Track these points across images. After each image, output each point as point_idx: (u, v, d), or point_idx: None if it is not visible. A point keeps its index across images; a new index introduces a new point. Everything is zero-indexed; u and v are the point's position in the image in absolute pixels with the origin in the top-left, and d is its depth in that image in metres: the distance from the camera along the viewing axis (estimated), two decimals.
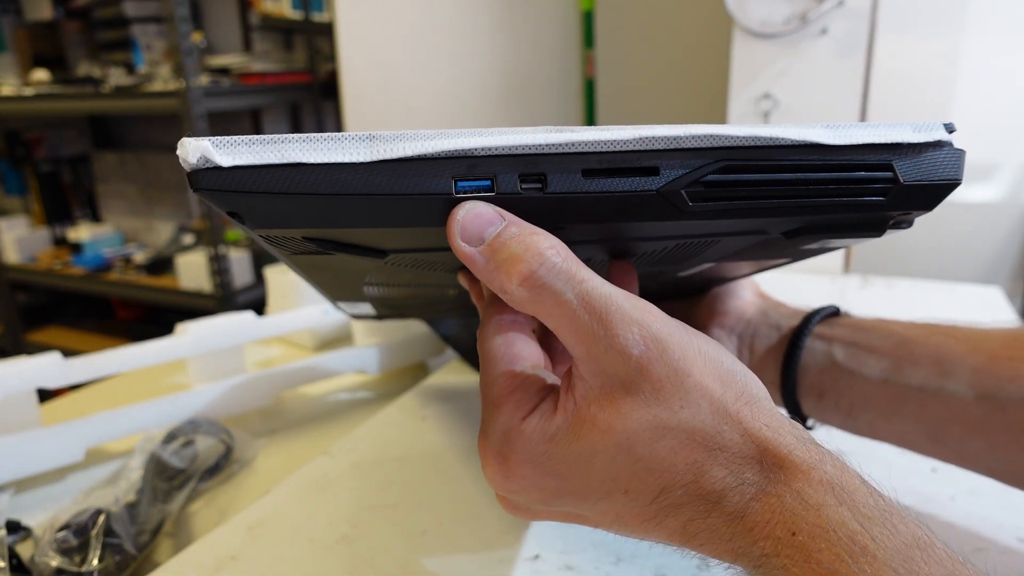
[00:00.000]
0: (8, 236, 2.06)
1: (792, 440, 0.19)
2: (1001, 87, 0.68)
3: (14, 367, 0.44)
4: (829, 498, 0.18)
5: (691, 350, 0.20)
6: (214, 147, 0.18)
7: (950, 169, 0.22)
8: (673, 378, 0.19)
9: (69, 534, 0.35)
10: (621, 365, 0.19)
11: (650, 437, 0.19)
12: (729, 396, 0.19)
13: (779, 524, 0.18)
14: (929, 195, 0.22)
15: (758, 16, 0.68)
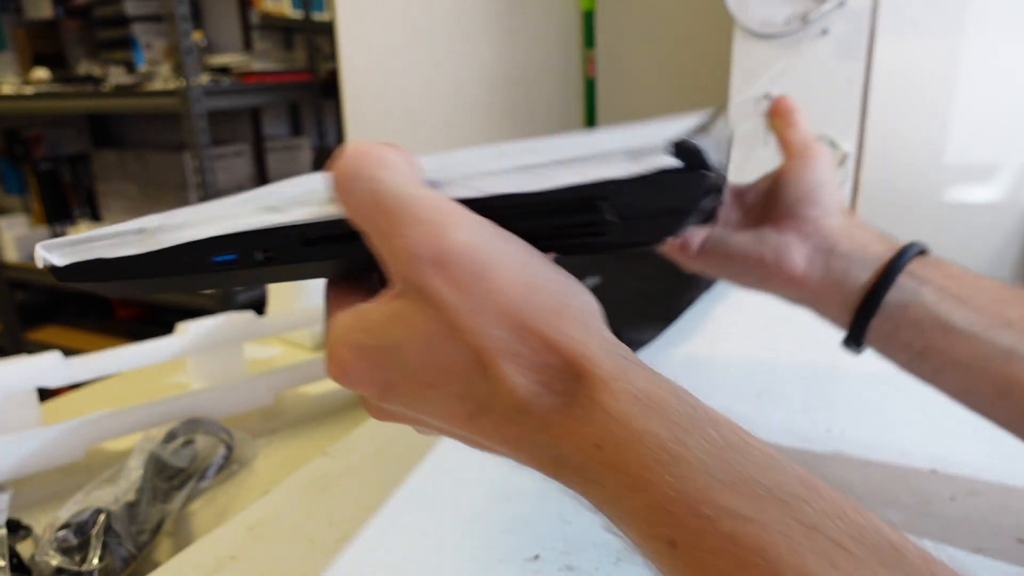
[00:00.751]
0: (8, 235, 2.06)
1: (599, 352, 0.19)
2: (1001, 87, 0.68)
3: (14, 366, 0.44)
4: (635, 408, 0.18)
5: (496, 255, 0.19)
6: (46, 251, 0.24)
7: (675, 196, 0.20)
8: (468, 281, 0.19)
9: (69, 533, 0.35)
10: (411, 266, 0.19)
11: (445, 337, 0.19)
12: (532, 303, 0.19)
13: (585, 436, 0.18)
14: (657, 226, 0.20)
15: (759, 16, 0.68)
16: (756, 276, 0.35)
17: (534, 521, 0.36)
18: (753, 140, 0.72)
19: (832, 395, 0.49)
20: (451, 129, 1.11)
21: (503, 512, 0.37)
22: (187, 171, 1.88)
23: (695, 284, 0.68)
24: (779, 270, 0.34)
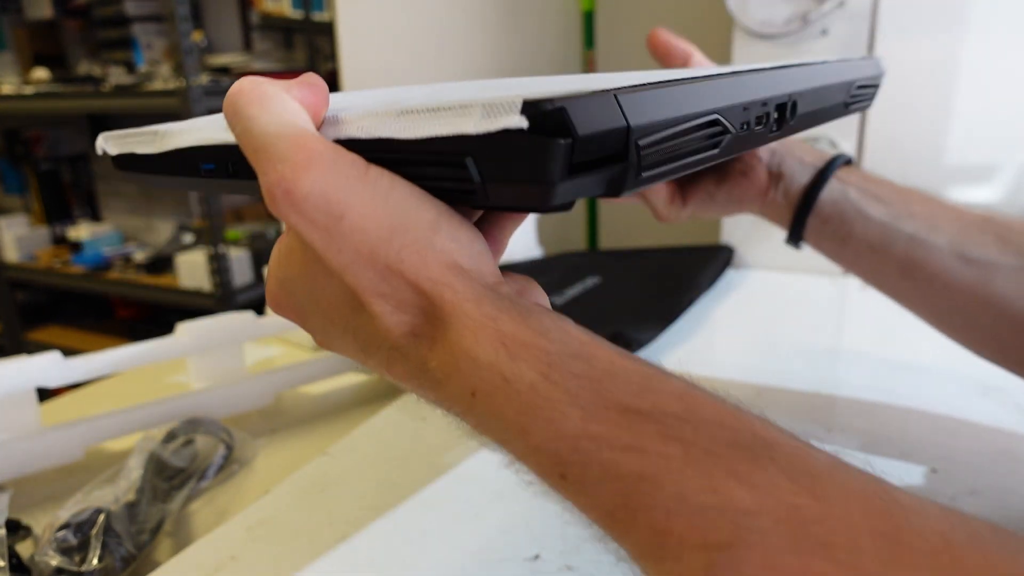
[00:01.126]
0: (8, 235, 2.06)
1: (464, 295, 0.19)
2: (1001, 87, 0.68)
3: (14, 366, 0.44)
4: (502, 354, 0.18)
5: (354, 195, 0.19)
6: (104, 142, 0.29)
7: (526, 164, 0.17)
8: (325, 221, 0.19)
9: (69, 533, 0.35)
10: (273, 204, 0.19)
11: (323, 273, 0.20)
12: (394, 245, 0.19)
13: (458, 383, 0.19)
14: (520, 194, 0.18)
15: (759, 17, 0.67)
16: (734, 202, 0.41)
17: (534, 521, 0.36)
18: None
19: (832, 395, 0.49)
20: None
21: (503, 512, 0.37)
22: None
23: (695, 284, 0.68)
24: (752, 192, 0.41)
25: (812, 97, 0.29)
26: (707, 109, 0.21)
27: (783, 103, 0.26)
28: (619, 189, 0.18)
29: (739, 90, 0.23)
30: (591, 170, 0.18)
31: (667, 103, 0.20)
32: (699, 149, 0.21)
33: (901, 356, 0.53)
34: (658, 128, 0.19)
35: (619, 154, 0.18)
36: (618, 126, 0.17)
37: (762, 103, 0.25)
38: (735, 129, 0.23)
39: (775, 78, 0.26)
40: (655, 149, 0.19)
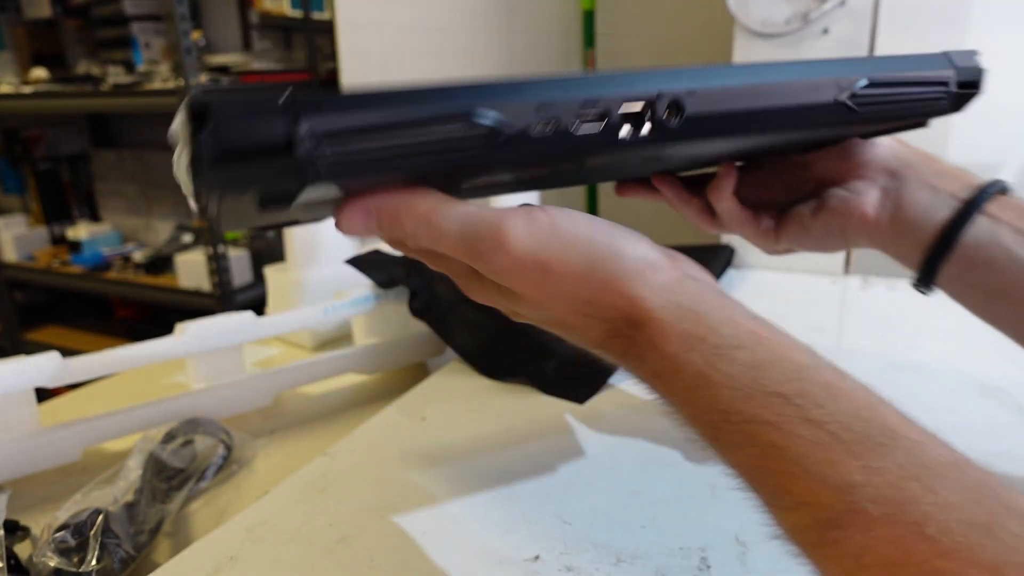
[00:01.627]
0: (6, 235, 2.06)
1: (651, 302, 0.24)
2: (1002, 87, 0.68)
3: (12, 366, 0.44)
4: (680, 348, 0.23)
5: (551, 251, 0.24)
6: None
7: (193, 151, 0.20)
8: (537, 280, 0.25)
9: (67, 534, 0.35)
10: (494, 278, 0.26)
11: (537, 304, 0.26)
12: (591, 281, 0.25)
13: (647, 368, 0.25)
14: (200, 176, 0.21)
15: (759, 16, 0.67)
16: (835, 235, 0.36)
17: (534, 521, 0.36)
18: None
19: None
20: None
21: (503, 512, 0.37)
22: None
23: None
24: (853, 220, 0.34)
25: (724, 97, 0.26)
26: (430, 108, 0.21)
27: (650, 103, 0.24)
28: (306, 177, 0.20)
29: (525, 90, 0.23)
30: (261, 157, 0.19)
31: (358, 101, 0.21)
32: (445, 149, 0.22)
33: (901, 356, 0.53)
34: (341, 120, 0.20)
35: (284, 147, 0.19)
36: (280, 120, 0.19)
37: (592, 102, 0.23)
38: (519, 129, 0.22)
39: (649, 76, 0.25)
40: (343, 147, 0.20)
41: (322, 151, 0.20)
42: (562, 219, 0.25)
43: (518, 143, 0.23)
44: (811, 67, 0.28)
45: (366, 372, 0.57)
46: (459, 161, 0.23)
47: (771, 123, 0.27)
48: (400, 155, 0.22)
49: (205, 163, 0.19)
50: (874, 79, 0.29)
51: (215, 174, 0.19)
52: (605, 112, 0.24)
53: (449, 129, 0.22)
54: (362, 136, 0.21)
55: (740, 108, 0.26)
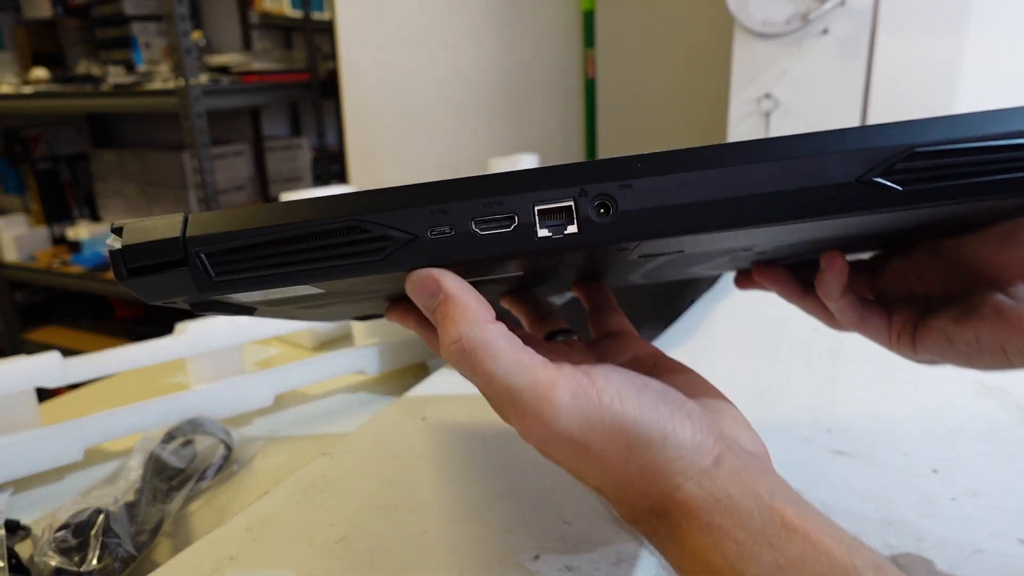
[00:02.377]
0: (6, 235, 2.06)
1: (681, 498, 0.23)
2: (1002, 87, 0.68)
3: (13, 366, 0.44)
4: (702, 543, 0.22)
5: (593, 432, 0.23)
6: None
7: (112, 268, 0.23)
8: (574, 455, 0.23)
9: (68, 534, 0.35)
10: (528, 441, 0.24)
11: (572, 473, 0.25)
12: (631, 465, 0.23)
13: (671, 552, 0.23)
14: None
15: (759, 16, 0.67)
16: (991, 351, 0.28)
17: (534, 521, 0.36)
18: None
19: (832, 395, 0.49)
20: (451, 128, 1.11)
21: (503, 512, 0.37)
22: (186, 171, 1.88)
23: (695, 284, 0.68)
24: (1016, 337, 0.27)
25: (674, 187, 0.21)
26: (301, 223, 0.22)
27: (574, 199, 0.21)
28: (203, 288, 0.22)
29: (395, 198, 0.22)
30: (161, 271, 0.22)
31: (242, 218, 0.22)
32: (338, 263, 0.22)
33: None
34: (226, 239, 0.22)
35: (181, 261, 0.22)
36: (170, 237, 0.22)
37: (495, 203, 0.21)
38: (411, 235, 0.21)
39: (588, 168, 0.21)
40: (232, 258, 0.22)
41: (211, 267, 0.22)
42: (612, 397, 0.23)
43: (413, 251, 0.22)
44: (817, 139, 0.21)
45: (366, 372, 0.57)
46: (354, 273, 0.22)
47: (752, 216, 0.21)
48: (290, 271, 0.22)
49: (120, 277, 0.22)
50: (928, 143, 0.21)
51: (131, 285, 0.22)
52: (513, 213, 0.21)
53: (337, 243, 0.22)
54: (249, 252, 0.22)
55: (698, 199, 0.21)
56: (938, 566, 0.32)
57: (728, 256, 0.31)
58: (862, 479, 0.39)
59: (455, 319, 0.23)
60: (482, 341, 0.23)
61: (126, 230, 0.22)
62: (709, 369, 0.29)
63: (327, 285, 0.24)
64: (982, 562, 0.33)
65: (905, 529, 0.35)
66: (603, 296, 0.34)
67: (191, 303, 0.25)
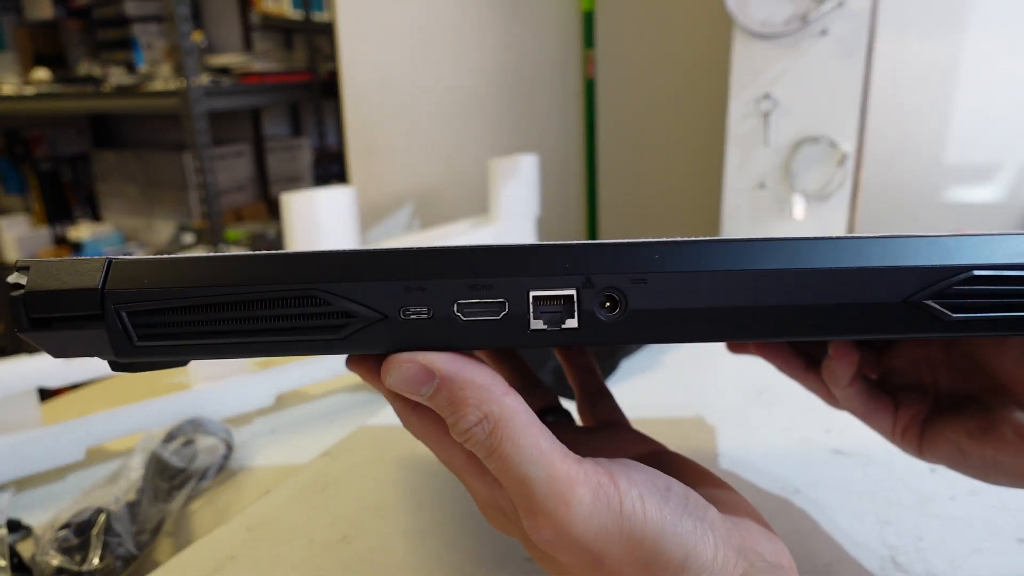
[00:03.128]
0: (8, 235, 2.06)
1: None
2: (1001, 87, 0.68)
3: (14, 366, 0.44)
4: None
5: (610, 543, 0.20)
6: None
7: (10, 317, 0.19)
8: (588, 564, 0.20)
9: (70, 533, 0.35)
10: (539, 541, 0.20)
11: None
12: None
13: None
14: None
15: (758, 17, 0.68)
16: (1010, 474, 0.26)
17: None
18: (754, 140, 0.72)
19: None
20: (451, 129, 1.11)
21: None
22: (187, 171, 1.88)
23: None
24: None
25: (695, 285, 0.18)
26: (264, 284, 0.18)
27: (576, 288, 0.18)
28: (121, 352, 0.19)
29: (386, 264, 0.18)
30: (71, 327, 0.18)
31: (177, 271, 0.18)
32: (290, 336, 0.18)
33: None
34: (155, 297, 0.18)
35: (96, 317, 0.18)
36: (86, 287, 0.18)
37: (483, 285, 0.18)
38: (380, 315, 0.18)
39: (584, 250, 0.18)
40: (160, 320, 0.18)
41: (133, 328, 0.18)
42: (633, 502, 0.20)
43: (379, 333, 0.18)
44: (863, 248, 0.18)
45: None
46: (307, 351, 0.19)
47: (785, 329, 0.18)
48: (229, 342, 0.19)
49: (20, 328, 0.19)
50: (990, 266, 0.18)
51: (34, 338, 0.19)
52: (504, 299, 0.18)
53: (289, 314, 0.18)
54: (182, 315, 0.18)
55: (723, 305, 0.18)
56: (937, 565, 0.33)
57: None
58: (861, 478, 0.39)
59: (466, 401, 0.19)
60: (501, 419, 0.20)
61: (33, 271, 0.18)
62: (709, 369, 0.29)
63: (271, 356, 0.20)
64: (981, 561, 0.33)
65: (904, 528, 0.35)
66: (593, 378, 0.31)
67: (108, 362, 0.21)
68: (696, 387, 0.51)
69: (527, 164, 0.72)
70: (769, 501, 0.37)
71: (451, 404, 0.20)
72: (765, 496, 0.38)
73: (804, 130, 0.70)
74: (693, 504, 0.21)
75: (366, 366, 0.25)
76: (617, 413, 0.30)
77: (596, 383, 0.31)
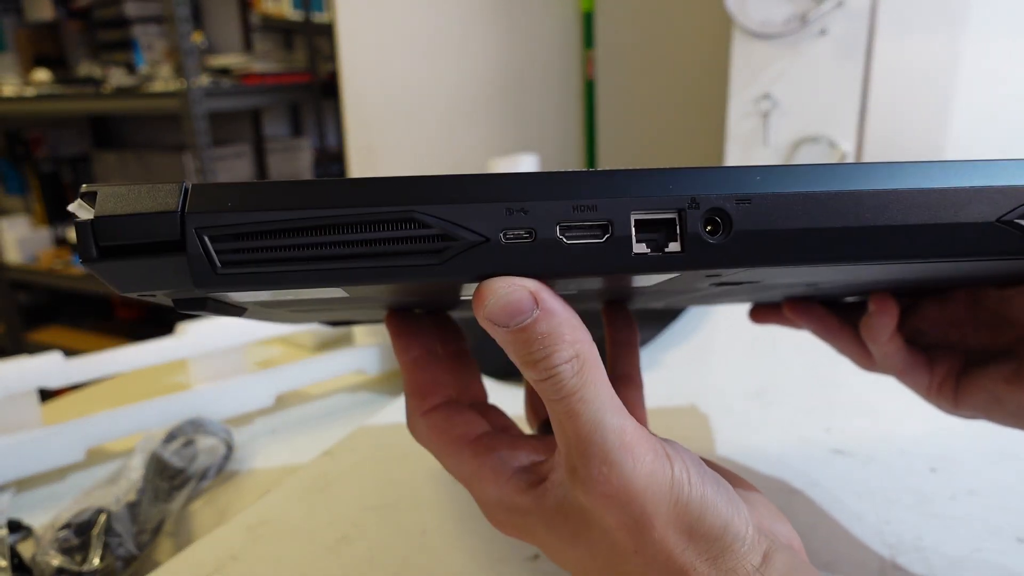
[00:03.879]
0: (9, 236, 2.06)
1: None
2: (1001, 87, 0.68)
3: (15, 367, 0.44)
4: None
5: (662, 504, 0.20)
6: None
7: (79, 246, 0.17)
8: (635, 527, 0.20)
9: (70, 533, 0.35)
10: (589, 495, 0.20)
11: (605, 559, 0.21)
12: (688, 555, 0.20)
13: None
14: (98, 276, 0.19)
15: (758, 17, 0.68)
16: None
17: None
18: (753, 140, 0.72)
19: (832, 395, 0.49)
20: (451, 129, 1.11)
21: None
22: (188, 172, 1.88)
23: None
24: None
25: (797, 208, 0.18)
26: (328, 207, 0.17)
27: (679, 211, 0.18)
28: (202, 282, 0.17)
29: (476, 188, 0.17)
30: (147, 255, 0.17)
31: (262, 193, 0.17)
32: (380, 262, 0.17)
33: None
34: (240, 219, 0.17)
35: (176, 244, 0.17)
36: (166, 210, 0.17)
37: (587, 207, 0.18)
38: (481, 237, 0.17)
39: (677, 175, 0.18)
40: (245, 245, 0.17)
41: (217, 254, 0.17)
42: (681, 470, 0.20)
43: (479, 257, 0.18)
44: (957, 170, 0.18)
45: (366, 372, 0.58)
46: (403, 277, 0.18)
47: (881, 251, 0.19)
48: (318, 268, 0.18)
49: (87, 257, 0.17)
50: None
51: (101, 269, 0.17)
52: (608, 221, 0.18)
53: (386, 238, 0.17)
54: (269, 239, 0.17)
55: (823, 226, 0.18)
56: (937, 565, 0.33)
57: (792, 287, 0.28)
58: (861, 478, 0.39)
59: (563, 337, 0.19)
60: (588, 360, 0.19)
61: (102, 196, 0.17)
62: (709, 369, 0.29)
63: (358, 289, 0.19)
64: (981, 560, 0.33)
65: (904, 528, 0.35)
66: (630, 360, 0.29)
67: (176, 299, 0.20)
68: (696, 387, 0.51)
69: (527, 164, 0.72)
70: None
71: (547, 337, 0.19)
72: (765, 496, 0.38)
73: (803, 130, 0.70)
74: (723, 483, 0.21)
75: (404, 342, 0.25)
76: (639, 410, 0.29)
77: (631, 366, 0.29)
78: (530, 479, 0.23)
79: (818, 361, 0.54)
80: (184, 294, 0.19)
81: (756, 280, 0.23)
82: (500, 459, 0.24)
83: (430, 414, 0.25)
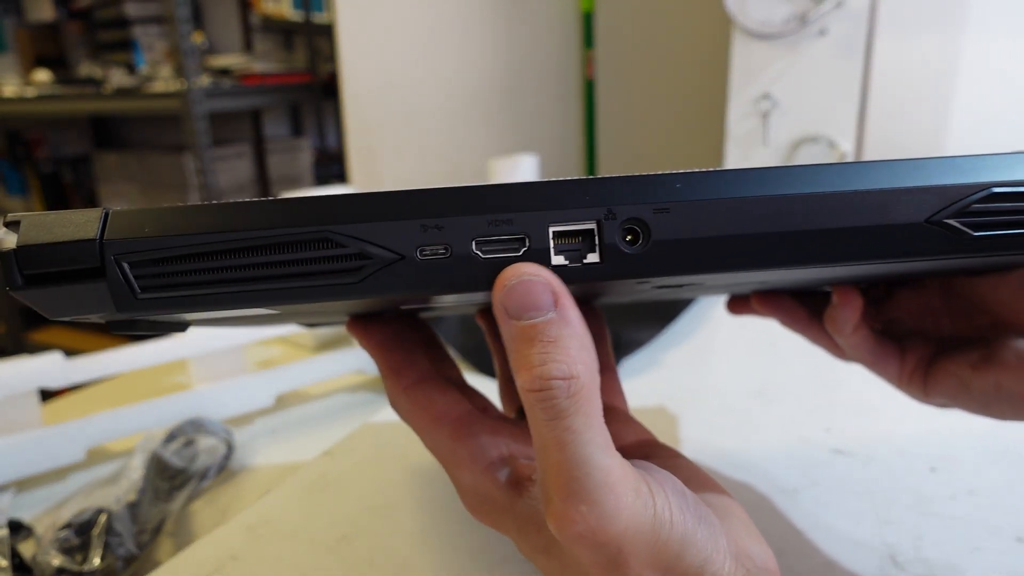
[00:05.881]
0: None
1: None
2: (1000, 87, 0.68)
3: (16, 367, 0.44)
4: None
5: (639, 545, 0.19)
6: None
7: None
8: (606, 565, 0.19)
9: (71, 533, 0.35)
10: (562, 531, 0.19)
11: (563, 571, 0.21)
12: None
13: None
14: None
15: (757, 17, 0.68)
16: (1010, 401, 0.27)
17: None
18: (753, 140, 0.72)
19: (832, 395, 0.49)
20: (451, 129, 1.11)
21: None
22: (188, 172, 1.88)
23: None
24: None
25: (718, 214, 0.18)
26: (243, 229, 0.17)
27: (597, 222, 0.18)
28: (123, 307, 0.18)
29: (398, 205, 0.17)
30: (69, 282, 0.17)
31: (178, 219, 0.17)
32: (297, 283, 0.18)
33: None
34: (156, 246, 0.17)
35: (96, 271, 0.17)
36: (84, 238, 0.17)
37: (502, 220, 0.18)
38: (396, 255, 0.17)
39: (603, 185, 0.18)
40: (162, 270, 0.17)
41: (135, 280, 0.18)
42: (663, 504, 0.19)
43: (396, 274, 0.17)
44: (884, 170, 0.18)
45: (367, 372, 0.58)
46: (321, 296, 0.18)
47: (809, 255, 0.18)
48: (236, 291, 0.18)
49: (14, 286, 0.18)
50: (1008, 183, 0.18)
51: (28, 296, 0.18)
52: (525, 234, 0.18)
53: (301, 258, 0.17)
54: (186, 264, 0.17)
55: (745, 232, 0.18)
56: (937, 565, 0.33)
57: (737, 285, 0.28)
58: (860, 478, 0.39)
59: (569, 350, 0.18)
60: (586, 386, 0.18)
61: (24, 224, 0.17)
62: (709, 369, 0.29)
63: (287, 307, 0.19)
64: (980, 560, 0.33)
65: (903, 528, 0.35)
66: (602, 350, 0.28)
67: (108, 321, 0.20)
68: (696, 387, 0.52)
69: (527, 164, 0.72)
70: (768, 500, 0.38)
71: (552, 343, 0.18)
72: (764, 495, 0.38)
73: (803, 130, 0.70)
74: (704, 510, 0.21)
75: (364, 329, 0.25)
76: (617, 397, 0.29)
77: (603, 355, 0.28)
78: (507, 476, 0.23)
79: (818, 361, 0.54)
80: (113, 317, 0.19)
81: (694, 283, 0.22)
82: (479, 445, 0.23)
83: (411, 390, 0.24)
